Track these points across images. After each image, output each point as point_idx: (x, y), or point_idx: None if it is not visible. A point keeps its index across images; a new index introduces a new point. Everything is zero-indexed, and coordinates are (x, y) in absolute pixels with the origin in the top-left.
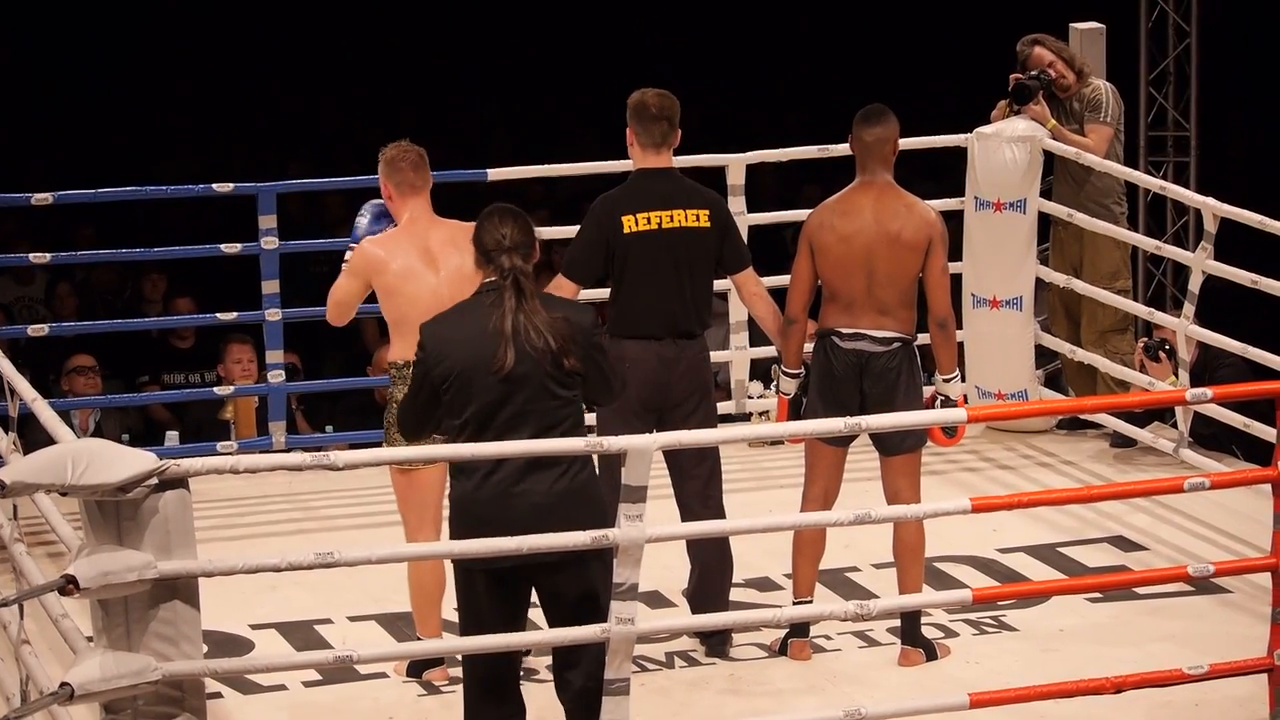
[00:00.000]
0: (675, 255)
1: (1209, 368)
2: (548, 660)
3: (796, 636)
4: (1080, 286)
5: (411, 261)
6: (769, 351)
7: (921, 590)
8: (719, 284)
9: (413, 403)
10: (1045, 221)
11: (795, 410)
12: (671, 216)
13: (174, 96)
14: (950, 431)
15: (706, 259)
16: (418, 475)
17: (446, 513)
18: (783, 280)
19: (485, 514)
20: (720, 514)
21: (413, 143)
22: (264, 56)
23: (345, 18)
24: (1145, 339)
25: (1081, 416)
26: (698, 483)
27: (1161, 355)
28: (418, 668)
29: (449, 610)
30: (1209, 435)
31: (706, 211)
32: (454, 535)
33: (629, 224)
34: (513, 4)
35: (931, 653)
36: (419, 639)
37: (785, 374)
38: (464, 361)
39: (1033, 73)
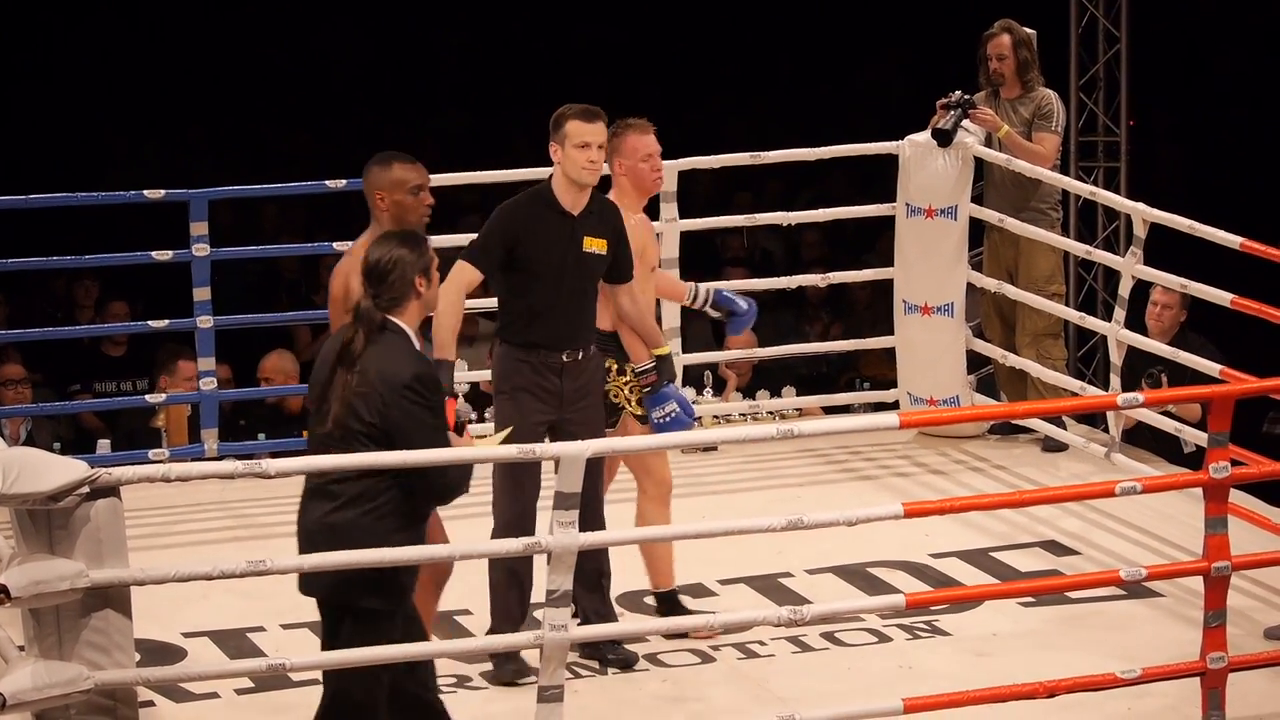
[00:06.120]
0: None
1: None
2: None
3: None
4: (1013, 291)
5: None
6: (702, 358)
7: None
8: None
9: None
10: (979, 227)
11: None
12: None
13: (107, 110)
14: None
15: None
16: None
17: None
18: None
19: None
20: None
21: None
22: (198, 68)
23: (276, 29)
24: (1151, 371)
25: (1013, 421)
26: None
27: (1163, 381)
28: None
29: None
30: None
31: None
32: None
33: None
34: (444, 14)
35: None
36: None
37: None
38: None
39: (950, 97)
